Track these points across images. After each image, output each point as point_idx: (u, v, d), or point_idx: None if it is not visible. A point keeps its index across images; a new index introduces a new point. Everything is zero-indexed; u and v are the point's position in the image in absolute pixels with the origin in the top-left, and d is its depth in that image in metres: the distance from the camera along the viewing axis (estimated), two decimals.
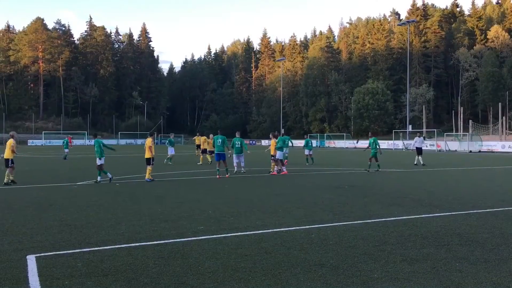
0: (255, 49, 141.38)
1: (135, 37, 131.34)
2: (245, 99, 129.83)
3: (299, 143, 48.84)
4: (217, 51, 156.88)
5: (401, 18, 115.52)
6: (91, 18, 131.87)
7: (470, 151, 48.51)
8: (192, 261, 5.78)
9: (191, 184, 15.32)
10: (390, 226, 8.01)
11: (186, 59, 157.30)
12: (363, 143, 70.12)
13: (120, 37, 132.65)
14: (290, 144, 27.17)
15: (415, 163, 24.94)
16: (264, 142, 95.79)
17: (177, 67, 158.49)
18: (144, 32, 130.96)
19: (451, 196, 12.02)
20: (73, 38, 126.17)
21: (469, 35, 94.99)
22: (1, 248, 6.44)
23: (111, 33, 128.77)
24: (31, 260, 5.82)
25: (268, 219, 8.65)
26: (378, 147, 21.00)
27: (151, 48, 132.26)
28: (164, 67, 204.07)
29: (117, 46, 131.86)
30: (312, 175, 19.25)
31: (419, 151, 25.48)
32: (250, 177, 17.96)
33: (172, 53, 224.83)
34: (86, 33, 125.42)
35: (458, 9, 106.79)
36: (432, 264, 5.60)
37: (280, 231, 7.58)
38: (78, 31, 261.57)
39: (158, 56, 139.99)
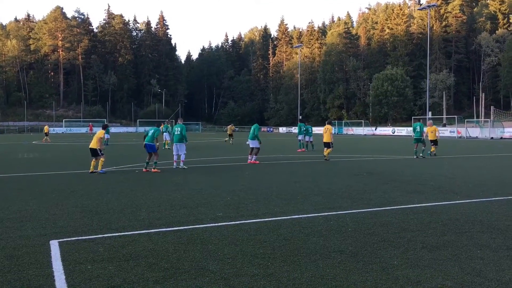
0: (272, 36, 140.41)
1: (153, 25, 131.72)
2: (263, 86, 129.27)
3: (318, 130, 48.66)
4: (234, 38, 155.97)
5: (421, 2, 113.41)
6: (109, 6, 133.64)
7: (492, 138, 47.71)
8: (211, 247, 5.82)
9: (210, 171, 15.39)
10: (410, 213, 7.95)
11: (203, 46, 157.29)
12: (382, 130, 69.98)
13: (138, 25, 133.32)
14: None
15: None
16: (282, 130, 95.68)
17: (195, 54, 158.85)
18: (162, 20, 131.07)
19: (472, 183, 11.86)
20: (92, 26, 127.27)
21: (491, 19, 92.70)
22: (25, 234, 6.58)
23: (129, 21, 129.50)
24: (54, 245, 5.94)
25: (287, 206, 8.66)
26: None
27: (168, 36, 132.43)
28: (182, 55, 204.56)
29: (135, 34, 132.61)
30: (331, 162, 19.16)
31: None
32: (269, 164, 17.97)
33: (189, 40, 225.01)
34: (104, 22, 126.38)
35: None
36: (453, 252, 5.55)
37: (299, 218, 7.58)
38: (96, 19, 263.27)
39: (175, 44, 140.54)
